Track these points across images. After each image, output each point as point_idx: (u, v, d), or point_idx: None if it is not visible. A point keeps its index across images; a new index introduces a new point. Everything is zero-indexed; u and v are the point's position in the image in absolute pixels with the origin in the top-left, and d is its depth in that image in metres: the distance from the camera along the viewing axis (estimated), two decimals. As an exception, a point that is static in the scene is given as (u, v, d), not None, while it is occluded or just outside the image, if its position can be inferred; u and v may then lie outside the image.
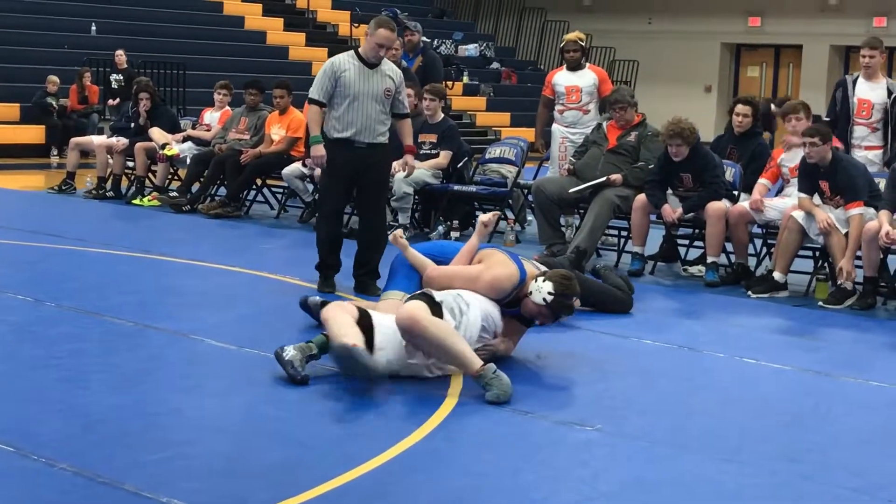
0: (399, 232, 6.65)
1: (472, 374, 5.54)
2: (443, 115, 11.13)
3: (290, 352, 5.68)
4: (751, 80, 27.83)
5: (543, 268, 6.39)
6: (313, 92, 7.84)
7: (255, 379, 5.74)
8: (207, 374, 5.95)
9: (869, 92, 9.55)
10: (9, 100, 18.69)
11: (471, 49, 26.94)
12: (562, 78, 10.71)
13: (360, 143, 7.81)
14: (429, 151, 10.94)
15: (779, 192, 9.22)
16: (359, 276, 8.02)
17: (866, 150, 9.54)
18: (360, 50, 7.92)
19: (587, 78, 10.63)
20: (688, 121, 9.00)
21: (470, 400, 5.49)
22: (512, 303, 6.14)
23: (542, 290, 6.02)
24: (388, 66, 7.94)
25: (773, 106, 16.95)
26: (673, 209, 9.02)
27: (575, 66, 10.69)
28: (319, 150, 7.81)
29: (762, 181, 9.02)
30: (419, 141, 10.95)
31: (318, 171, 11.17)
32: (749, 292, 8.57)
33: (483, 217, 6.74)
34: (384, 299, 6.43)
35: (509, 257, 6.25)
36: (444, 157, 10.88)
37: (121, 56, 19.01)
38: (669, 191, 9.24)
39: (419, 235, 10.93)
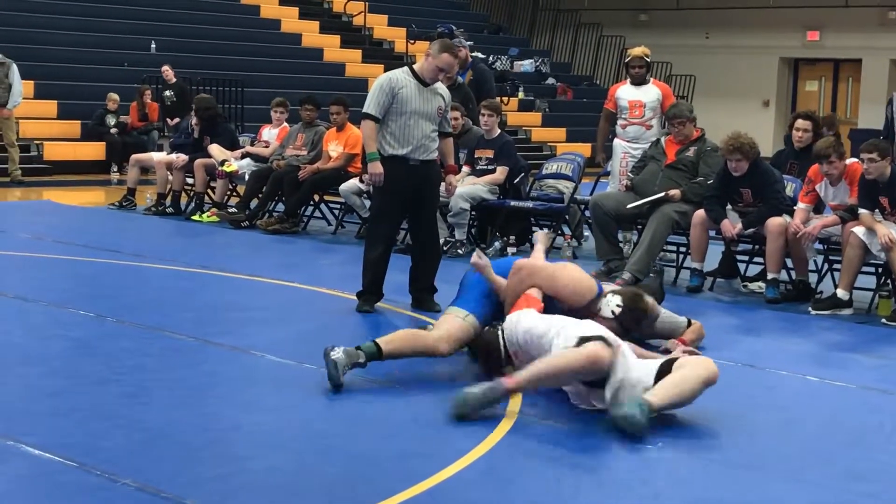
0: (479, 253, 6.56)
1: None
2: (499, 131, 11.12)
3: (337, 353, 5.75)
4: (809, 95, 27.59)
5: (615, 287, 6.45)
6: (369, 107, 7.77)
7: (314, 394, 5.75)
8: (266, 389, 5.97)
9: None
10: (70, 117, 18.93)
11: (526, 65, 26.93)
12: (625, 92, 10.67)
13: (415, 160, 7.80)
14: (485, 167, 10.93)
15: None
16: (416, 291, 8.02)
17: None
18: (416, 67, 7.89)
19: (651, 93, 10.57)
20: (747, 135, 8.91)
21: (528, 418, 5.46)
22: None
23: (610, 303, 6.03)
24: (439, 85, 7.95)
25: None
26: (733, 224, 8.94)
27: (639, 81, 10.65)
28: (378, 167, 7.74)
29: (801, 206, 8.84)
30: (476, 156, 10.95)
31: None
32: (811, 309, 8.47)
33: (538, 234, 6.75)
34: (447, 314, 6.37)
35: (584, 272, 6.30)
36: (501, 172, 10.87)
37: (168, 71, 19.15)
38: (729, 206, 9.16)
39: (475, 251, 10.90)
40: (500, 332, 6.00)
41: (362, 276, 7.93)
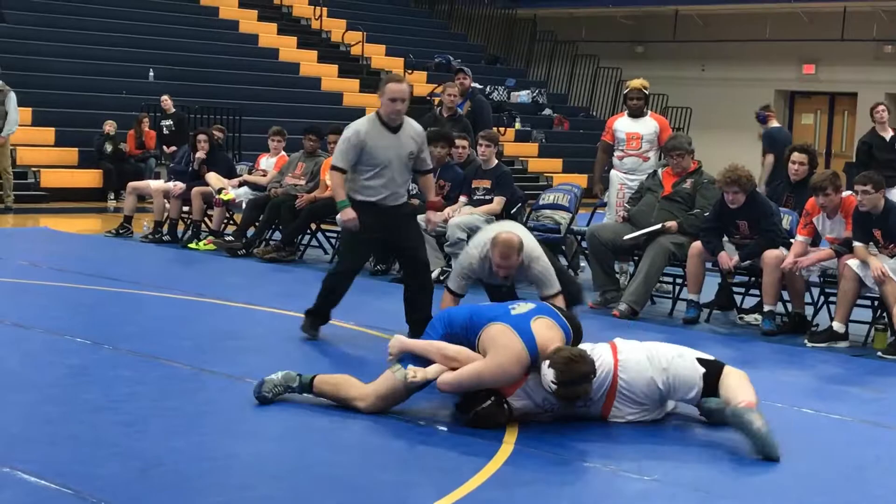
0: (410, 374, 5.89)
1: None
2: (497, 161, 11.14)
3: (277, 375, 6.06)
4: (805, 128, 27.67)
5: (561, 331, 5.95)
6: (337, 160, 7.74)
7: (311, 424, 5.75)
8: (263, 418, 5.95)
9: None
10: (67, 144, 18.95)
11: (523, 95, 27.02)
12: (623, 124, 10.70)
13: (385, 206, 7.77)
14: (482, 197, 10.94)
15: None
16: (412, 322, 7.98)
17: None
18: (380, 114, 7.74)
19: (649, 126, 10.61)
20: (744, 168, 8.95)
21: (526, 447, 5.46)
22: None
23: (546, 376, 5.66)
24: (410, 128, 7.81)
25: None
26: (729, 257, 8.96)
27: (637, 114, 10.68)
28: (350, 213, 7.71)
29: (800, 238, 8.86)
30: (473, 186, 10.97)
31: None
32: (807, 342, 8.48)
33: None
34: (388, 369, 6.01)
35: (515, 333, 5.79)
36: (498, 202, 10.87)
37: (167, 101, 19.18)
38: (725, 238, 9.18)
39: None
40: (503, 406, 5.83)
41: (318, 296, 8.03)
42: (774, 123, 14.65)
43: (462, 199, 10.94)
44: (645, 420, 5.96)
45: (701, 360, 6.00)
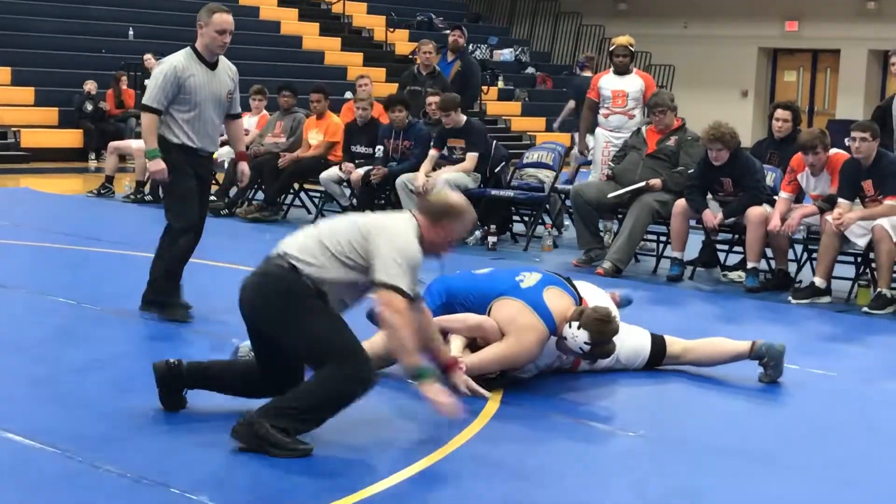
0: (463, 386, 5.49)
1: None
2: (465, 118, 10.98)
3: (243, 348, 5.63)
4: (788, 85, 27.66)
5: (570, 297, 5.89)
6: (150, 99, 6.86)
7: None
8: (249, 377, 5.96)
9: None
10: (47, 104, 18.82)
11: (506, 54, 26.91)
12: (608, 82, 10.67)
13: (204, 152, 7.07)
14: (461, 156, 10.90)
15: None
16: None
17: None
18: (197, 47, 7.02)
19: (634, 83, 10.58)
20: (728, 125, 8.93)
21: (512, 404, 5.47)
22: None
23: (577, 339, 5.62)
24: (226, 65, 7.16)
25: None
26: (714, 214, 8.96)
27: (623, 71, 10.65)
28: (160, 164, 6.85)
29: (784, 195, 8.86)
30: (449, 146, 10.93)
31: (354, 176, 11.29)
32: (790, 298, 8.51)
33: None
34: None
35: (533, 311, 5.69)
36: (470, 159, 10.75)
37: (150, 59, 18.99)
38: (709, 195, 9.18)
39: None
40: None
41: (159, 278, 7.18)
42: (587, 73, 14.67)
43: (432, 152, 10.86)
44: (616, 368, 6.04)
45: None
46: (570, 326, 5.62)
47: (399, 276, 4.71)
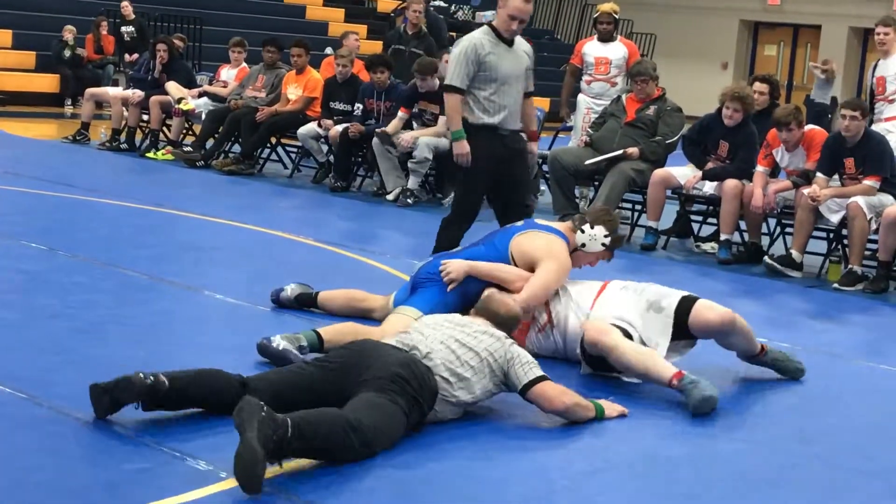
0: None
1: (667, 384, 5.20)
2: (438, 82, 10.93)
3: (278, 341, 5.26)
4: (768, 59, 27.69)
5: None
6: (453, 78, 6.79)
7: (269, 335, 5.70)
8: (220, 330, 5.96)
9: (885, 69, 9.59)
10: (24, 47, 18.63)
11: (488, 15, 26.69)
12: (592, 48, 10.68)
13: (505, 129, 6.92)
14: (431, 121, 10.86)
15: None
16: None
17: (885, 122, 9.51)
18: (494, 26, 6.95)
19: (618, 51, 10.59)
20: (750, 89, 9.06)
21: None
22: None
23: (597, 237, 5.81)
24: (522, 43, 7.08)
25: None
26: (695, 177, 9.04)
27: (607, 38, 10.67)
28: (465, 147, 6.78)
29: (759, 169, 8.90)
30: (421, 108, 10.90)
31: (332, 132, 11.24)
32: (765, 258, 8.56)
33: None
34: (397, 312, 5.74)
35: (547, 231, 5.90)
36: (443, 122, 10.72)
37: (127, 7, 18.83)
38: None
39: (431, 201, 10.93)
40: None
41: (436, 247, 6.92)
42: None
43: (401, 113, 10.81)
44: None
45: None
46: (582, 232, 5.83)
47: None
